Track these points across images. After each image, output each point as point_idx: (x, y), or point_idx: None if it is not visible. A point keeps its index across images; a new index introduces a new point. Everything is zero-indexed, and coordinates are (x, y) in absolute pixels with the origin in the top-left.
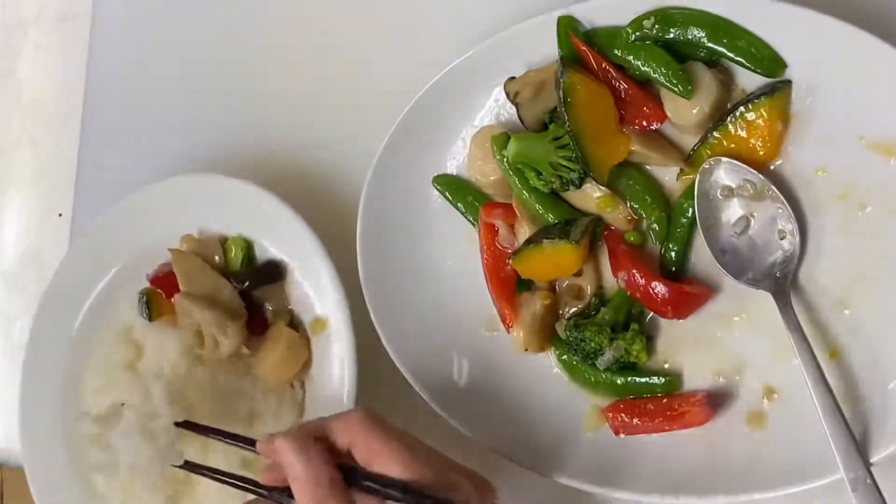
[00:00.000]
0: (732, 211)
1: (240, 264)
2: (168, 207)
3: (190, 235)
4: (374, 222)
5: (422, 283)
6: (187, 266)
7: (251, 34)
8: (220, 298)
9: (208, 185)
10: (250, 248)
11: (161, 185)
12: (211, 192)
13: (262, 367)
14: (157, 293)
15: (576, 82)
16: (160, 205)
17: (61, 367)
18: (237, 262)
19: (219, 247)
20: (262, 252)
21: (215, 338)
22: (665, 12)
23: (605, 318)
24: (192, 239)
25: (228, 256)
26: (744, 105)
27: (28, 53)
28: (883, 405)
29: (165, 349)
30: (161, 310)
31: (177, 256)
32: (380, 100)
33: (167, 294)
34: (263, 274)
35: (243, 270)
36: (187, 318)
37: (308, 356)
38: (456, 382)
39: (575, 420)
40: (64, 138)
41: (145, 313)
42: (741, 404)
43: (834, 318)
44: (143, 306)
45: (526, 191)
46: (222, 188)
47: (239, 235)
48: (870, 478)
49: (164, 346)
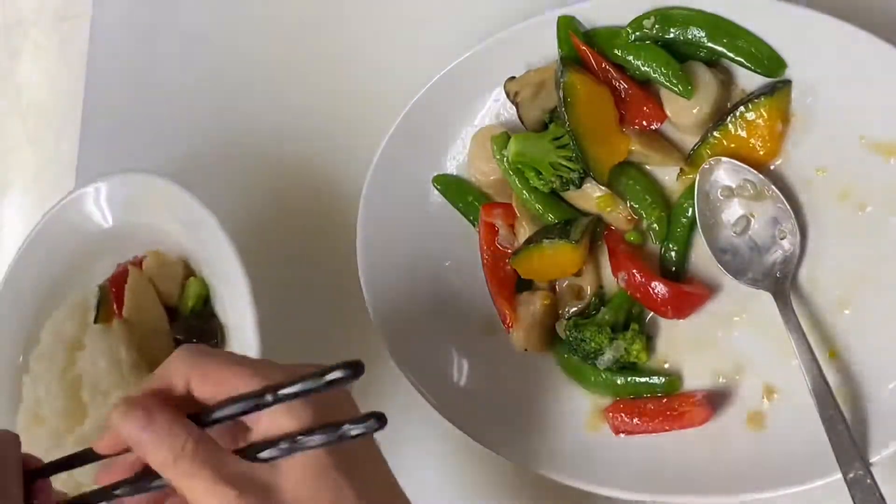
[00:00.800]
0: (732, 211)
1: (189, 311)
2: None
3: (157, 252)
4: (374, 222)
5: (422, 284)
6: (140, 297)
7: (251, 35)
8: (153, 342)
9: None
10: (207, 295)
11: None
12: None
13: None
14: (109, 296)
15: (576, 82)
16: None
17: None
18: (187, 306)
19: (179, 280)
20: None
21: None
22: (665, 12)
23: (605, 318)
24: (158, 257)
25: (184, 296)
26: (744, 105)
27: (28, 53)
28: (883, 405)
29: (97, 360)
30: (107, 315)
31: (133, 280)
32: (379, 99)
33: (116, 303)
34: (206, 334)
35: (189, 320)
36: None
37: None
38: (456, 382)
39: (575, 420)
40: (64, 138)
41: (94, 312)
42: (741, 404)
43: (834, 318)
44: (95, 303)
45: (526, 191)
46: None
47: (201, 277)
48: (869, 478)
49: (96, 356)
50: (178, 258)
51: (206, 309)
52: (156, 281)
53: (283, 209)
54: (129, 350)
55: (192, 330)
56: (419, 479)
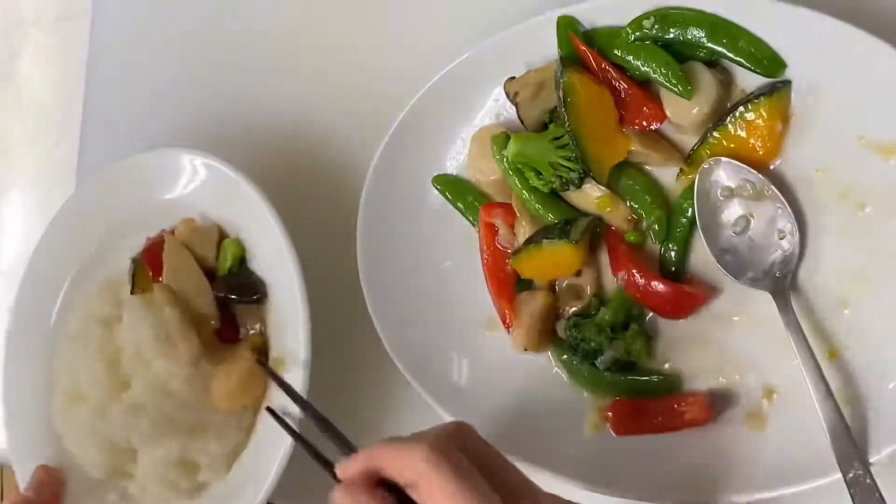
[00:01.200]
0: (732, 211)
1: (227, 270)
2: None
3: (191, 220)
4: (374, 222)
5: (422, 283)
6: (177, 260)
7: (251, 35)
8: (196, 302)
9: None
10: (243, 255)
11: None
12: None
13: (216, 386)
14: (144, 267)
15: (576, 82)
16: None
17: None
18: (226, 267)
19: (214, 243)
20: (252, 262)
21: (177, 342)
22: (665, 12)
23: (605, 318)
24: (192, 224)
25: (221, 257)
26: (743, 105)
27: (28, 54)
28: (883, 405)
29: (138, 329)
30: (144, 286)
31: (170, 245)
32: (379, 99)
33: (153, 272)
34: (247, 290)
35: (229, 278)
36: (160, 310)
37: (264, 389)
38: (456, 382)
39: (575, 420)
40: (64, 138)
41: (130, 284)
42: (741, 404)
43: (834, 318)
44: (130, 276)
45: (526, 191)
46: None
47: (236, 237)
48: (869, 478)
49: (137, 325)
50: (211, 223)
51: (243, 268)
52: (191, 246)
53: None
54: (173, 309)
55: (233, 287)
56: None
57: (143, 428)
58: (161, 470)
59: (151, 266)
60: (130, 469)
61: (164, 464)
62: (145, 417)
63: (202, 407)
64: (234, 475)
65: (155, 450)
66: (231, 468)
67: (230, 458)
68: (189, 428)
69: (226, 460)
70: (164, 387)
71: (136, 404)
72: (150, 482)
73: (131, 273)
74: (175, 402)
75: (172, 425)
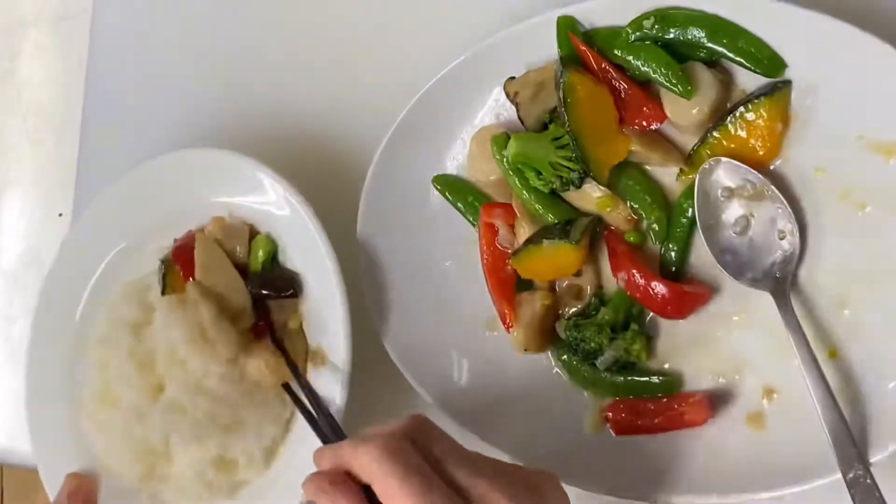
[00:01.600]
0: (732, 211)
1: (261, 266)
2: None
3: (221, 219)
4: (374, 222)
5: (422, 283)
6: (208, 257)
7: (252, 34)
8: (230, 298)
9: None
10: (275, 251)
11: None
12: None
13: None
14: (174, 268)
15: (576, 82)
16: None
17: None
18: (258, 263)
19: (246, 240)
20: (284, 257)
21: (214, 339)
22: (665, 12)
23: (605, 318)
24: (222, 223)
25: (253, 254)
26: (744, 105)
27: (28, 53)
28: (883, 405)
29: (171, 329)
30: (175, 285)
31: (201, 243)
32: (378, 100)
33: (185, 272)
34: (280, 285)
35: (262, 275)
36: (194, 307)
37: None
38: (456, 382)
39: (575, 420)
40: (64, 138)
41: (160, 284)
42: (741, 404)
43: (834, 318)
44: (160, 276)
45: (526, 191)
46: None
47: (267, 234)
48: (869, 478)
49: (170, 325)
50: (241, 221)
51: (275, 264)
52: (222, 243)
53: None
54: (208, 306)
55: (267, 283)
56: None
57: (183, 428)
58: (199, 469)
59: (182, 266)
60: (165, 471)
61: (202, 463)
62: (184, 417)
63: (239, 403)
64: (273, 471)
65: (193, 450)
66: (270, 464)
67: (269, 453)
68: (226, 425)
69: (264, 456)
70: (200, 385)
71: (174, 405)
72: (186, 483)
73: (161, 274)
74: (212, 400)
75: (211, 423)
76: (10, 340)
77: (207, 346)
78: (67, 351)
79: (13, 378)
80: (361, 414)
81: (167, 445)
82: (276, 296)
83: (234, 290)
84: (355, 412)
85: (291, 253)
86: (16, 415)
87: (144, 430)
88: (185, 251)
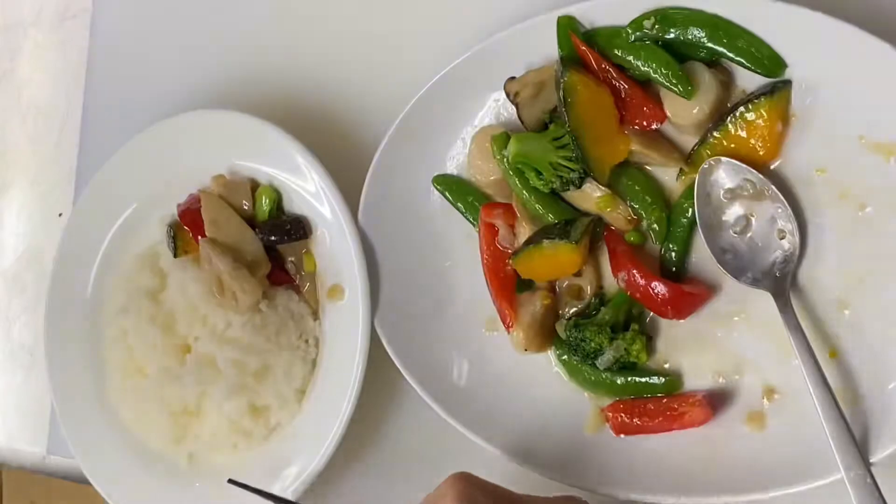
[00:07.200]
0: (732, 211)
1: (267, 215)
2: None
3: (222, 176)
4: (374, 222)
5: (422, 283)
6: (215, 212)
7: (252, 35)
8: (243, 249)
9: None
10: (279, 199)
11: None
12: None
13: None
14: (183, 230)
15: (576, 82)
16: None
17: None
18: (265, 212)
19: (248, 192)
20: (289, 205)
21: (234, 291)
22: (665, 12)
23: (605, 318)
24: (223, 180)
25: (258, 205)
26: (744, 105)
27: (28, 53)
28: (883, 405)
29: (187, 288)
30: (186, 247)
31: (206, 201)
32: (378, 101)
33: (193, 232)
34: (290, 229)
35: (270, 222)
36: (209, 263)
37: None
38: (456, 382)
39: (575, 420)
40: (64, 138)
41: (171, 248)
42: (741, 404)
43: (834, 318)
44: (170, 240)
45: (526, 191)
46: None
47: (270, 184)
48: (870, 477)
49: (186, 285)
50: (242, 177)
51: (281, 212)
52: (227, 199)
53: None
54: (224, 258)
55: (276, 229)
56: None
57: (217, 381)
58: (234, 419)
59: (190, 226)
60: (199, 430)
61: (238, 412)
62: (215, 370)
63: (266, 349)
64: (304, 410)
65: (228, 401)
66: (301, 404)
67: (299, 394)
68: (256, 372)
69: (296, 397)
70: (224, 337)
71: (204, 360)
72: (223, 435)
73: (171, 237)
74: (239, 349)
75: (242, 372)
76: (10, 340)
77: (226, 298)
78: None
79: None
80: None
81: (200, 402)
82: (287, 240)
83: (246, 240)
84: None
85: (296, 199)
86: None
87: (178, 391)
88: (191, 212)
